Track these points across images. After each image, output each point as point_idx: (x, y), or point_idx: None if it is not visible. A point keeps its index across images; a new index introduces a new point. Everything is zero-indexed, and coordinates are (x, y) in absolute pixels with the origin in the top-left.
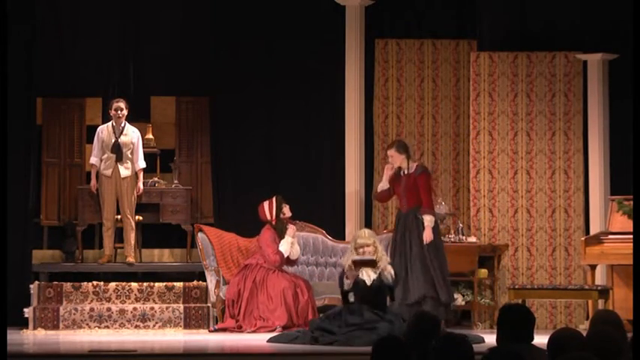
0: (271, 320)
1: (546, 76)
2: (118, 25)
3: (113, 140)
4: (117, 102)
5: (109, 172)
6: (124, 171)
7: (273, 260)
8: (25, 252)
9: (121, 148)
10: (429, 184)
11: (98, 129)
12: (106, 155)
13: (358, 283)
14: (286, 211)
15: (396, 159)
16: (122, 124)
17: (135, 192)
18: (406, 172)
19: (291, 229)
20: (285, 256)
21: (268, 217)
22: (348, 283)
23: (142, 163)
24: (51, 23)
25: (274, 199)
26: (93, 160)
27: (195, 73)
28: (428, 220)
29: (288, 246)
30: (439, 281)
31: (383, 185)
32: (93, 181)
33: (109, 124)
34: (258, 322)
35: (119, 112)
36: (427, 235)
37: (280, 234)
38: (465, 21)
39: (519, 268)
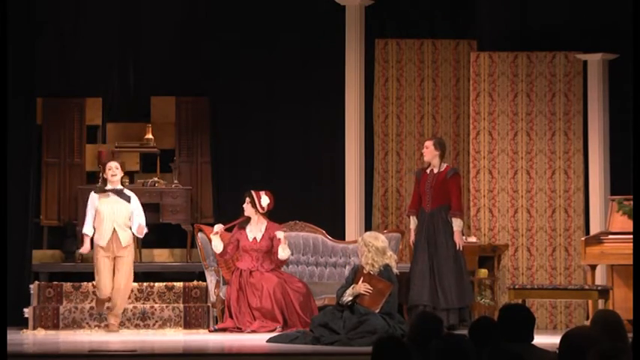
0: (270, 321)
1: (546, 76)
2: (118, 25)
3: (106, 203)
4: (111, 162)
5: (103, 242)
6: (123, 240)
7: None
8: (25, 252)
9: (118, 209)
10: (460, 187)
11: (88, 201)
12: (98, 222)
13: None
14: (244, 207)
15: (429, 152)
16: (118, 187)
17: (132, 267)
18: (435, 171)
19: (216, 227)
20: (218, 252)
21: None
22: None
23: (142, 220)
24: (51, 23)
25: (247, 191)
26: (86, 229)
27: (195, 73)
28: (457, 224)
29: (216, 244)
30: (461, 287)
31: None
32: (86, 245)
33: (97, 193)
34: (258, 322)
35: (115, 170)
36: (458, 240)
37: (244, 227)
38: (465, 21)
39: (519, 268)
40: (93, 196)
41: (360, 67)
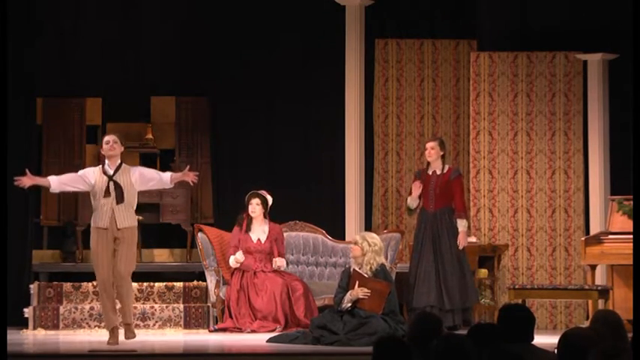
0: (270, 321)
1: (546, 76)
2: (118, 25)
3: (106, 181)
4: (108, 135)
5: (104, 222)
6: (123, 221)
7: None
8: (25, 252)
9: (121, 187)
10: (463, 188)
11: (87, 169)
12: (97, 200)
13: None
14: (250, 209)
15: (434, 154)
16: (118, 163)
17: (136, 247)
18: (438, 172)
19: (239, 256)
20: (242, 261)
21: None
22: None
23: (164, 176)
24: (51, 23)
25: (254, 192)
26: (53, 178)
27: (195, 73)
28: (463, 224)
29: (232, 262)
30: (465, 288)
31: (414, 203)
32: (33, 180)
33: (98, 167)
34: (258, 322)
35: (114, 144)
36: (462, 240)
37: (247, 229)
38: (465, 21)
39: (519, 268)
40: (93, 169)
41: (360, 67)
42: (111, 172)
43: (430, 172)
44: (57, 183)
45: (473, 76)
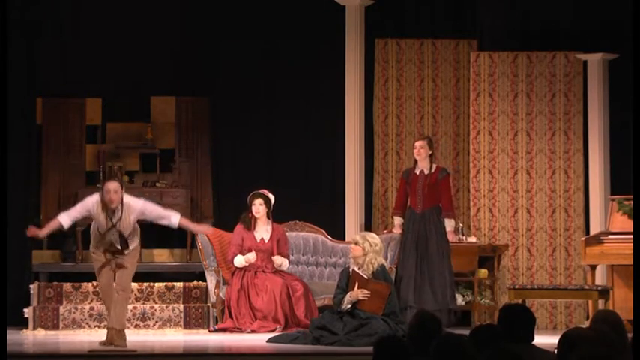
0: (270, 321)
1: (546, 76)
2: (118, 25)
3: (108, 226)
4: (109, 184)
5: (99, 254)
6: (126, 253)
7: (230, 260)
8: (25, 252)
9: (123, 234)
10: (450, 187)
11: (88, 200)
12: (99, 239)
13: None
14: (254, 210)
15: (423, 153)
16: (120, 209)
17: (137, 259)
18: (425, 172)
19: (251, 256)
20: (253, 261)
21: None
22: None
23: (173, 217)
24: (50, 23)
25: (256, 192)
26: (63, 217)
27: (195, 73)
28: (450, 224)
29: (240, 261)
30: (452, 288)
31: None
32: (45, 230)
33: (97, 199)
34: (258, 322)
35: (114, 195)
36: (452, 239)
37: (249, 228)
38: (465, 21)
39: (519, 268)
40: (94, 200)
41: (360, 67)
42: (114, 219)
43: (417, 172)
44: (67, 221)
45: (473, 76)
